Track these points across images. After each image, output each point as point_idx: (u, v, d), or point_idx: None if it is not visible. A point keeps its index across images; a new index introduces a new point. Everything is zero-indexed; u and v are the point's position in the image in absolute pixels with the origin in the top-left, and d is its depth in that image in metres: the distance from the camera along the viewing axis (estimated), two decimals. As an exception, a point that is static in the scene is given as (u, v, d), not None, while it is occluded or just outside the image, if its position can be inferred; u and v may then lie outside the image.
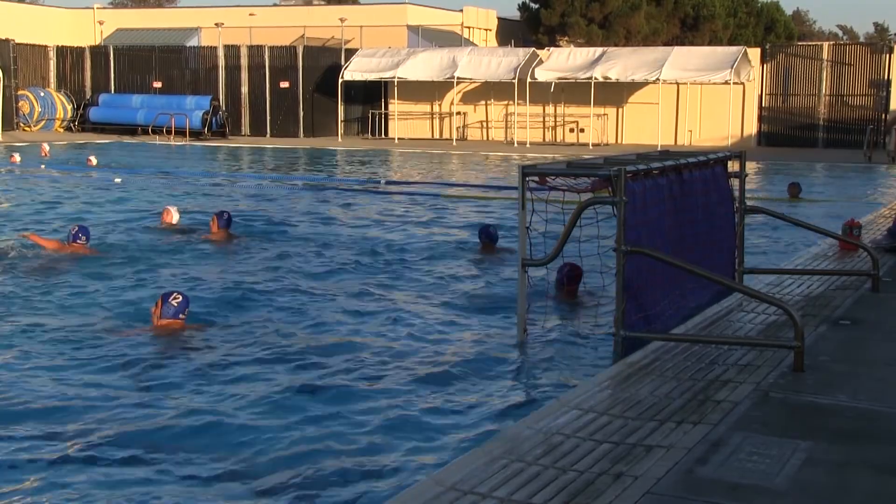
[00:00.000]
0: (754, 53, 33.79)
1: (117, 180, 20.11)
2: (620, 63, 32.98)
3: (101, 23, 44.30)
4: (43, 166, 23.03)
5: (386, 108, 37.33)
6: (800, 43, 40.76)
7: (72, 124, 37.43)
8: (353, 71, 35.31)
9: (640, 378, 5.58)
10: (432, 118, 37.39)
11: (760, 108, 33.82)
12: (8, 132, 33.44)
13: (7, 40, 36.11)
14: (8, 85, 34.33)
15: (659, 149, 14.80)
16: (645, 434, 4.60)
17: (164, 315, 7.65)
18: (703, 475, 4.10)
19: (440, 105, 37.04)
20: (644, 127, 33.63)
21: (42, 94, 37.20)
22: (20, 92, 36.37)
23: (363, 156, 29.59)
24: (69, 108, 37.69)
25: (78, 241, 11.25)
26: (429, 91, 36.29)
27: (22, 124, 36.28)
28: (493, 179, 22.35)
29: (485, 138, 36.49)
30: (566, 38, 43.04)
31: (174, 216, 13.16)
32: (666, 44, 40.33)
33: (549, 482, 4.02)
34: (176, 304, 7.67)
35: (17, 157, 23.73)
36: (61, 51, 39.24)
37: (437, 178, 22.69)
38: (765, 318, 7.05)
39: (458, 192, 19.14)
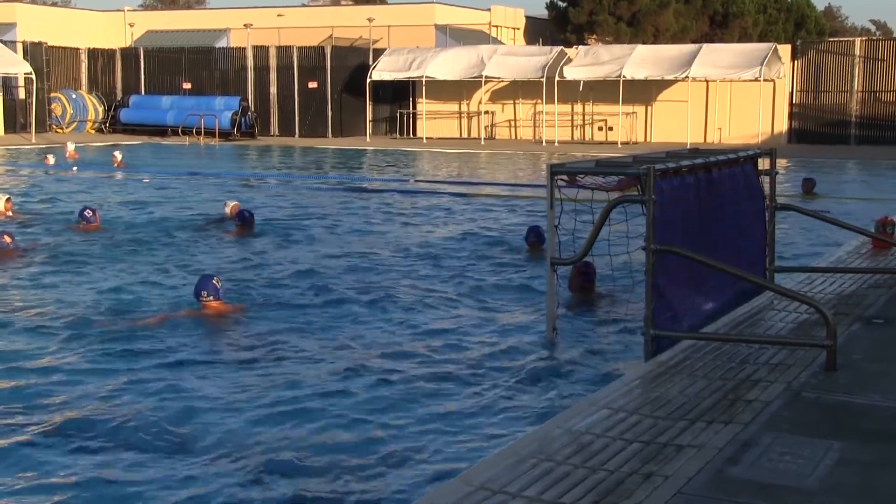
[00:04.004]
0: (785, 50, 33.45)
1: (145, 180, 20.33)
2: (649, 61, 32.79)
3: (131, 25, 44.70)
4: (75, 168, 23.31)
5: (414, 107, 37.36)
6: (831, 39, 40.29)
7: (103, 126, 37.78)
8: (381, 71, 35.38)
9: (669, 377, 5.54)
10: (460, 117, 37.36)
11: (791, 105, 33.47)
12: (41, 134, 33.83)
13: (40, 43, 36.52)
14: (41, 87, 34.72)
15: (688, 147, 14.69)
16: (675, 434, 4.57)
17: (204, 297, 8.27)
18: (735, 475, 4.07)
19: (468, 104, 37.00)
20: (673, 125, 33.39)
21: (74, 96, 37.60)
22: (52, 94, 36.78)
23: (392, 155, 29.65)
24: (100, 109, 38.05)
25: (87, 221, 12.95)
26: (457, 90, 36.26)
27: (54, 126, 36.70)
28: (521, 178, 22.31)
29: (513, 137, 36.40)
30: (594, 37, 42.85)
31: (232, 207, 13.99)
32: (695, 41, 40.02)
33: (579, 482, 4.01)
34: (211, 287, 8.26)
35: (51, 159, 24.04)
36: (92, 53, 39.63)
37: (465, 176, 22.68)
38: (796, 316, 6.98)
39: (487, 191, 19.12)
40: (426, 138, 35.44)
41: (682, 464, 4.19)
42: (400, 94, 37.36)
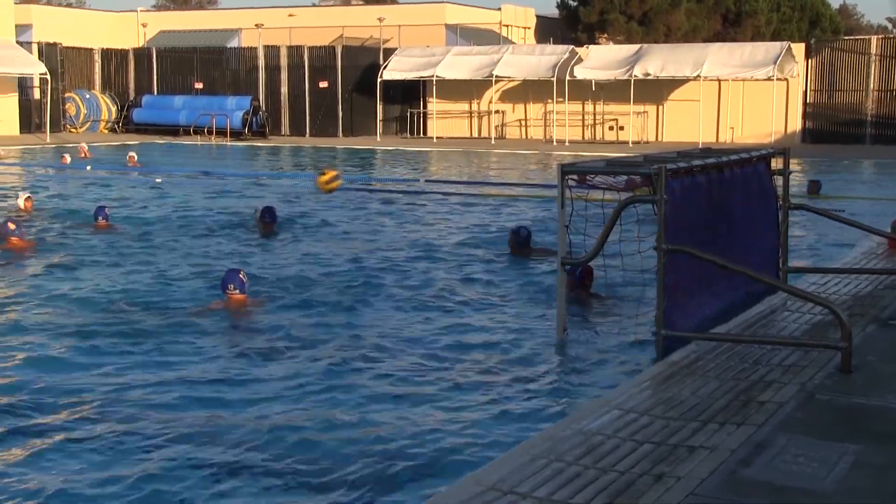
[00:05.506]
0: (798, 49, 33.27)
1: (158, 180, 20.37)
2: (660, 60, 32.68)
3: (144, 25, 44.82)
4: (89, 167, 23.40)
5: (424, 107, 37.34)
6: (846, 37, 40.06)
7: (116, 125, 37.91)
8: (392, 70, 35.37)
9: (681, 378, 5.50)
10: (471, 117, 37.33)
11: (805, 104, 33.28)
12: (55, 134, 33.96)
13: (54, 44, 36.66)
14: (55, 87, 34.83)
15: (700, 146, 14.62)
16: (687, 435, 4.53)
17: (226, 291, 8.45)
18: (748, 477, 4.03)
19: (479, 104, 36.96)
20: (685, 124, 33.27)
21: (87, 96, 37.73)
22: (67, 94, 36.91)
23: (402, 155, 29.64)
24: (113, 109, 38.18)
25: (105, 219, 13.19)
26: (467, 90, 36.23)
27: (68, 126, 36.83)
28: (532, 178, 22.26)
29: (524, 137, 36.35)
30: (605, 36, 42.74)
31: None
32: (707, 40, 39.86)
33: (590, 482, 3.98)
34: (234, 281, 8.45)
35: (67, 158, 24.13)
36: (106, 53, 39.76)
37: (475, 176, 22.64)
38: (810, 318, 6.93)
39: (497, 191, 19.09)
40: (437, 138, 35.41)
41: (694, 465, 4.15)
42: (410, 93, 37.35)
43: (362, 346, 7.36)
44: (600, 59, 33.86)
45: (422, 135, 36.86)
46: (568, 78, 33.17)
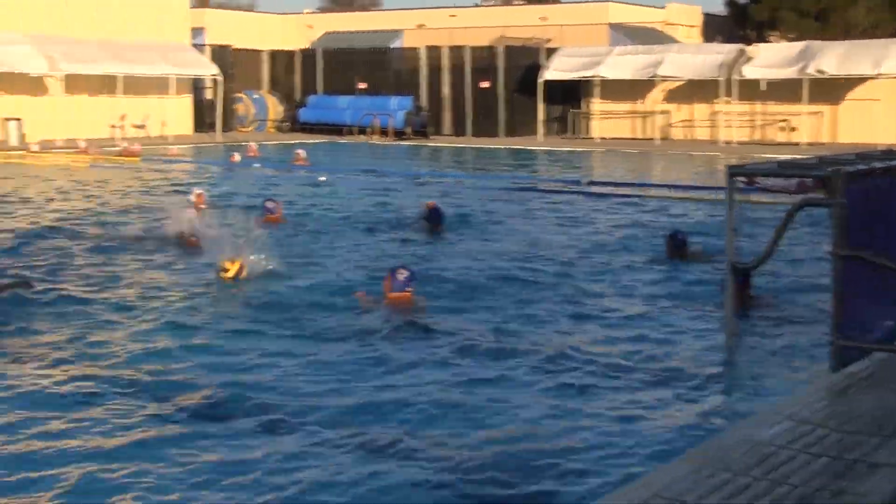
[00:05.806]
0: None
1: (322, 178, 20.97)
2: (835, 57, 31.13)
3: (310, 27, 46.37)
4: (257, 165, 24.41)
5: (586, 107, 36.97)
6: None
7: (283, 125, 39.40)
8: (554, 70, 35.21)
9: (860, 390, 5.21)
10: (634, 117, 36.69)
11: None
12: (226, 133, 35.63)
13: (226, 46, 38.45)
14: (226, 88, 36.53)
15: (882, 148, 13.81)
16: (868, 450, 4.28)
17: (394, 289, 8.41)
18: (938, 499, 3.77)
19: (642, 104, 36.29)
20: (864, 125, 31.46)
21: (256, 96, 39.38)
22: (236, 95, 38.62)
23: (564, 155, 29.45)
24: (280, 109, 39.71)
25: (270, 213, 13.63)
26: (630, 90, 35.62)
27: (238, 125, 38.55)
28: (698, 180, 21.65)
29: (689, 137, 35.41)
30: (777, 33, 41.09)
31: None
32: (889, 37, 37.65)
33: (761, 495, 3.82)
34: (402, 279, 8.42)
35: (237, 157, 25.25)
36: (273, 55, 41.37)
37: (639, 178, 22.22)
38: None
39: (662, 193, 18.66)
40: (599, 138, 35.01)
41: (876, 481, 3.91)
42: (570, 93, 37.03)
43: (523, 351, 7.31)
44: (770, 58, 32.59)
45: (584, 135, 36.51)
46: (736, 77, 32.08)
